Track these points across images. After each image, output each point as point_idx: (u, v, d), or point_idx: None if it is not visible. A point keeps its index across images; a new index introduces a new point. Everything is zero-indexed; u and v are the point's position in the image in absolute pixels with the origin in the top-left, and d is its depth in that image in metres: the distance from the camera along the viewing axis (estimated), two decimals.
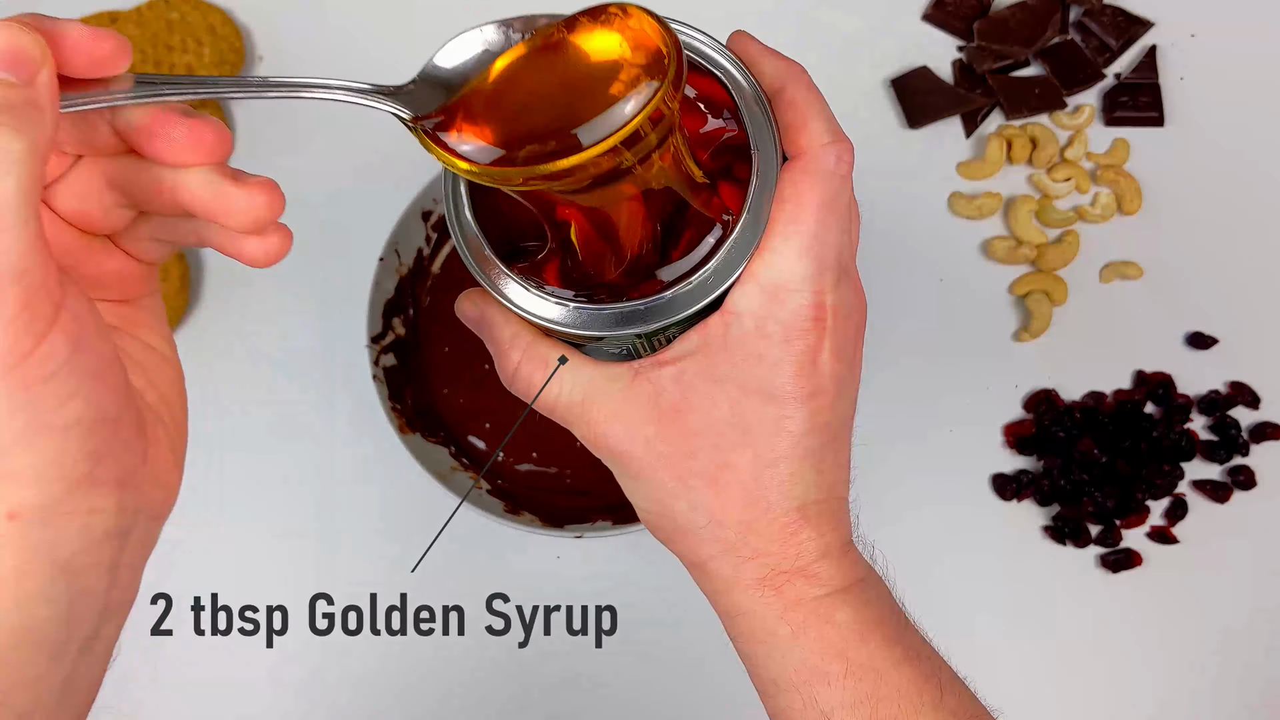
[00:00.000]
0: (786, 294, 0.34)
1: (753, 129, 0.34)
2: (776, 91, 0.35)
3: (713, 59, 0.35)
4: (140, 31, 0.67)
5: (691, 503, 0.36)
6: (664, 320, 0.34)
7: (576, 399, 0.36)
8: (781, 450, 0.35)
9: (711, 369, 0.34)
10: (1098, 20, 0.68)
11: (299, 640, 0.62)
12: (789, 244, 0.33)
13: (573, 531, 0.57)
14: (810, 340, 0.34)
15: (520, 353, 0.37)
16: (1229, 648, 0.60)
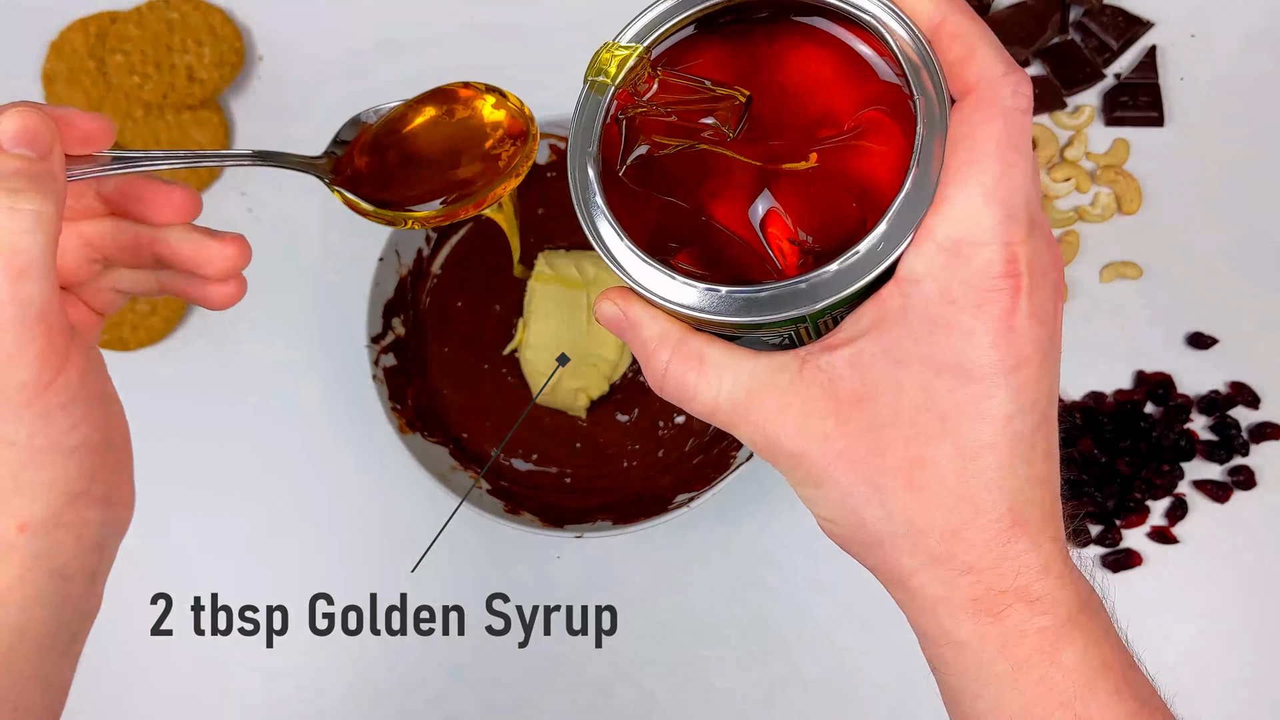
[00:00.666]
0: (972, 249, 0.28)
1: (910, 71, 0.30)
2: (935, 27, 0.30)
3: (858, 4, 0.31)
4: (140, 32, 0.67)
5: (886, 508, 0.30)
6: (831, 298, 0.29)
7: (739, 397, 0.32)
8: (986, 438, 0.29)
9: (893, 347, 0.29)
10: (1098, 20, 0.68)
11: (299, 640, 0.62)
12: (968, 191, 0.28)
13: (573, 531, 0.57)
14: (1005, 301, 0.29)
15: (670, 350, 0.32)
16: (1229, 647, 0.60)
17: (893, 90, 0.31)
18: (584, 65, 0.34)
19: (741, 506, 0.62)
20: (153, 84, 0.67)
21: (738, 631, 0.61)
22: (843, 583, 0.61)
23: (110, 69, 0.67)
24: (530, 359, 0.60)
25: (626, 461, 0.61)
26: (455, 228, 0.64)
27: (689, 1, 0.33)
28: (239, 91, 0.70)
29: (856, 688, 0.60)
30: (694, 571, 0.62)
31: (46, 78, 0.69)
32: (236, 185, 0.68)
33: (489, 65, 0.70)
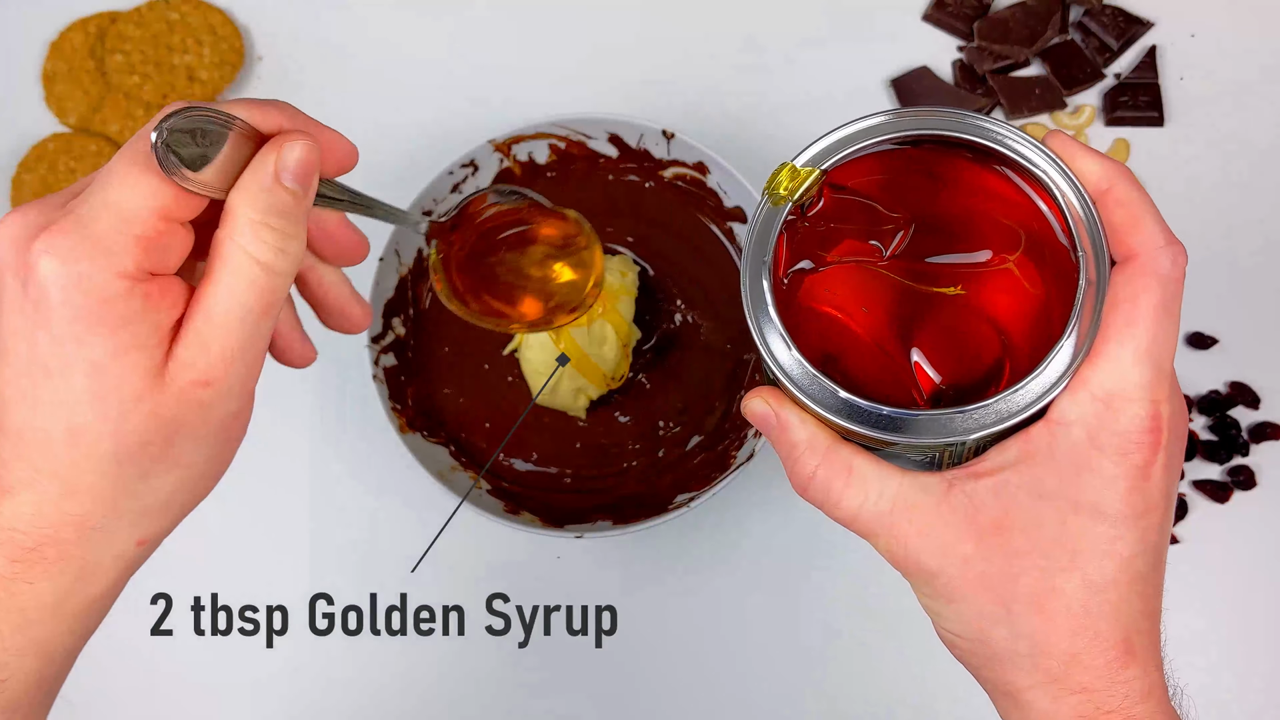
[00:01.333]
0: (1123, 403, 0.31)
1: (1074, 227, 0.33)
2: (1103, 192, 0.33)
3: (1031, 159, 0.34)
4: (140, 32, 0.67)
5: (1014, 629, 0.33)
6: (984, 431, 0.32)
7: (883, 509, 0.34)
8: (1110, 574, 0.32)
9: (1037, 483, 0.32)
10: (1098, 20, 0.68)
11: (299, 640, 0.62)
12: (1125, 350, 0.31)
13: (573, 531, 0.57)
14: (1146, 454, 0.32)
15: (819, 457, 0.34)
16: (1229, 647, 0.60)
17: (1051, 239, 0.34)
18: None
19: (741, 506, 0.62)
20: (153, 84, 0.67)
21: (738, 631, 0.61)
22: (843, 582, 0.61)
23: (110, 69, 0.67)
24: (530, 359, 0.60)
25: (626, 461, 0.61)
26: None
27: (869, 132, 0.35)
28: (239, 91, 0.70)
29: (859, 686, 0.60)
30: (694, 571, 0.62)
31: (46, 78, 0.69)
32: None
33: (490, 64, 0.70)
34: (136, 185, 0.32)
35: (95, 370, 0.32)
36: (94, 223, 0.31)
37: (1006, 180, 0.35)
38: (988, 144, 0.34)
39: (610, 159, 0.63)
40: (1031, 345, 0.33)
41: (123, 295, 0.32)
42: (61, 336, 0.31)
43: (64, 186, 0.65)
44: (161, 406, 0.33)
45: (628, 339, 0.60)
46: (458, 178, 0.62)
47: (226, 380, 0.34)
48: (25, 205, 0.33)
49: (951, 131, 0.34)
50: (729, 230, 0.63)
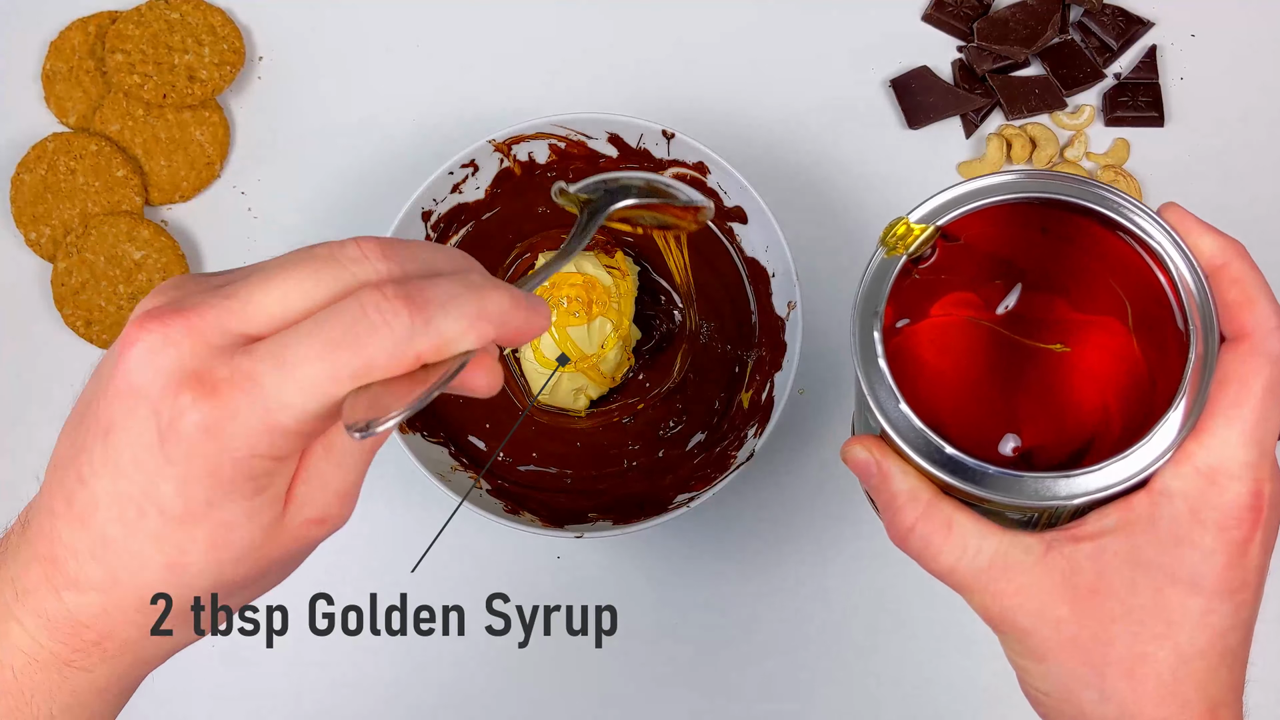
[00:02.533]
0: (1226, 480, 0.32)
1: (1188, 304, 0.34)
2: (1217, 268, 0.34)
3: (1146, 230, 0.34)
4: (140, 31, 0.67)
5: (1103, 693, 0.34)
6: (1086, 495, 0.33)
7: (981, 566, 0.34)
8: (1201, 645, 0.33)
9: (1135, 551, 0.33)
10: (1098, 20, 0.68)
11: (299, 640, 0.62)
12: (1232, 428, 0.32)
13: (573, 531, 0.57)
14: (1245, 530, 0.32)
15: (919, 512, 0.35)
16: None
17: (1160, 308, 0.34)
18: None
19: (741, 506, 0.62)
20: (153, 84, 0.67)
21: (739, 632, 0.61)
22: (844, 582, 0.61)
23: (110, 68, 0.67)
24: (530, 359, 0.60)
25: (626, 461, 0.61)
26: (456, 227, 0.64)
27: (987, 191, 0.35)
28: (239, 91, 0.70)
29: (862, 685, 0.60)
30: (694, 571, 0.62)
31: (46, 77, 0.69)
32: (237, 185, 0.68)
33: (490, 64, 0.70)
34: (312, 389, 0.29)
35: (223, 528, 0.31)
36: (265, 414, 0.29)
37: (1122, 244, 0.35)
38: (1105, 212, 0.34)
39: (610, 159, 0.63)
40: (1131, 413, 0.34)
41: (268, 470, 0.30)
42: (192, 495, 0.30)
43: (64, 186, 0.66)
44: (274, 550, 0.32)
45: (628, 339, 0.60)
46: (458, 178, 0.62)
47: (341, 517, 0.33)
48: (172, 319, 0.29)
49: (1070, 198, 0.34)
50: (729, 230, 0.63)
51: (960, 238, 0.36)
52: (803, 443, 0.63)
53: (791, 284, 0.59)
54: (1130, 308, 0.35)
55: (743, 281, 0.63)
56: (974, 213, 0.35)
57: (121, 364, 0.29)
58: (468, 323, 0.29)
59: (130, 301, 0.65)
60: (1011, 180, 0.35)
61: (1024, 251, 0.36)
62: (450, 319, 0.29)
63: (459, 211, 0.63)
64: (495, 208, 0.64)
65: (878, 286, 0.35)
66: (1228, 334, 0.34)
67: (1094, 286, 0.35)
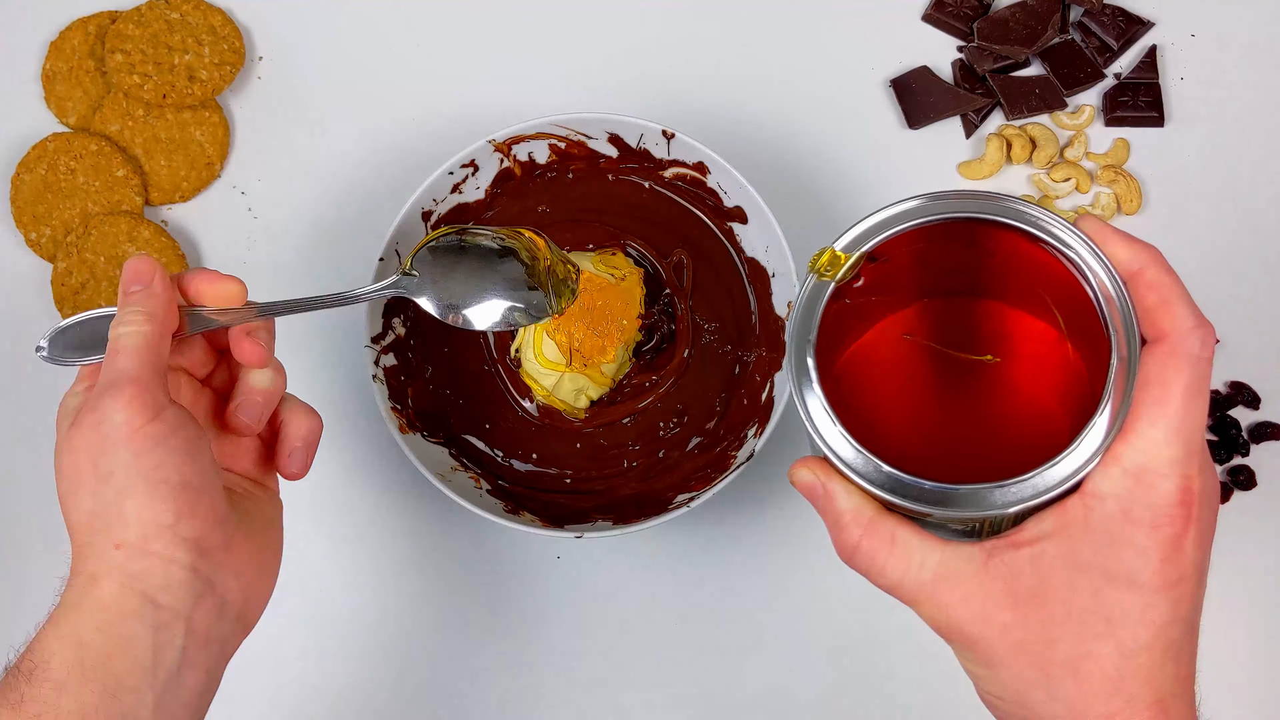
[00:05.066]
0: (1155, 478, 0.33)
1: (1108, 310, 0.35)
2: (1134, 274, 0.35)
3: (1065, 240, 0.35)
4: (140, 31, 0.67)
5: (1051, 693, 0.35)
6: (1020, 503, 0.33)
7: (925, 579, 0.35)
8: (1144, 640, 0.34)
9: (1072, 554, 0.34)
10: (1098, 20, 0.68)
11: (297, 640, 0.62)
12: (1156, 428, 0.33)
13: (573, 531, 0.57)
14: (1177, 527, 0.33)
15: (862, 529, 0.36)
16: (1229, 648, 0.60)
17: (1087, 315, 0.35)
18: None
19: (741, 506, 0.62)
20: (153, 83, 0.67)
21: (739, 632, 0.61)
22: (845, 581, 0.61)
23: (110, 68, 0.67)
24: (530, 359, 0.60)
25: (627, 461, 0.61)
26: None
27: (908, 215, 0.36)
28: (239, 91, 0.70)
29: (862, 685, 0.60)
30: (694, 571, 0.62)
31: (46, 77, 0.69)
32: (237, 185, 0.68)
33: (490, 64, 0.70)
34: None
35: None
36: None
37: (1048, 256, 0.36)
38: (1024, 227, 0.35)
39: (610, 159, 0.63)
40: (1068, 418, 0.35)
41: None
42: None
43: (64, 186, 0.66)
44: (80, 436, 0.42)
45: (629, 340, 0.60)
46: (458, 178, 0.62)
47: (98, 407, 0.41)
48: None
49: (988, 215, 0.35)
50: (729, 230, 0.63)
51: (889, 257, 0.36)
52: (802, 443, 0.63)
53: (791, 284, 0.59)
54: (1061, 317, 0.36)
55: (743, 281, 0.63)
56: (899, 235, 0.36)
57: None
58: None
59: None
60: (930, 204, 0.36)
61: (953, 267, 0.37)
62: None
63: (459, 211, 0.63)
64: (495, 208, 0.64)
65: (810, 313, 0.36)
66: (1148, 337, 0.34)
67: (1024, 298, 0.36)
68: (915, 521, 0.36)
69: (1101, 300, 0.35)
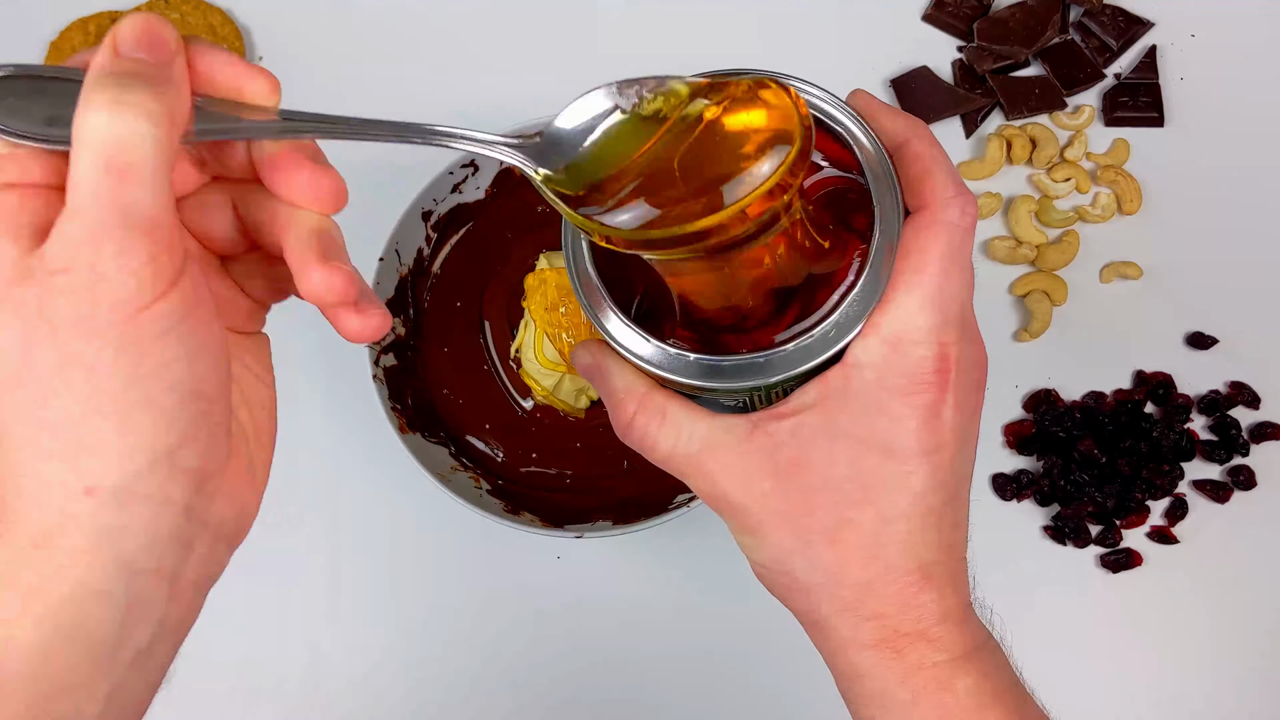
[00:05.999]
0: (909, 346, 0.33)
1: (874, 183, 0.34)
2: (898, 146, 0.35)
3: (832, 115, 0.35)
4: None
5: (810, 561, 0.35)
6: (783, 374, 0.33)
7: (693, 451, 0.35)
8: (902, 508, 0.34)
9: (831, 423, 0.34)
10: (1098, 20, 0.68)
11: (297, 640, 0.62)
12: (912, 296, 0.33)
13: (573, 531, 0.57)
14: (933, 394, 0.33)
15: (635, 403, 0.36)
16: (1229, 648, 0.60)
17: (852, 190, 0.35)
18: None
19: None
20: None
21: (738, 630, 0.61)
22: None
23: None
24: (531, 359, 0.60)
25: (627, 461, 0.61)
26: (456, 227, 0.64)
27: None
28: None
29: None
30: (694, 571, 0.62)
31: None
32: None
33: (490, 64, 0.70)
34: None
35: None
36: None
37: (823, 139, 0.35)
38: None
39: None
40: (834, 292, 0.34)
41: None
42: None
43: None
44: (24, 303, 0.27)
45: None
46: (458, 178, 0.62)
47: (90, 263, 0.26)
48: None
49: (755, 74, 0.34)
50: None
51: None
52: None
53: None
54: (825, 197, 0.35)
55: None
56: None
57: None
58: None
59: None
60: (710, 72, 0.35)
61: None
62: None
63: (459, 211, 0.63)
64: (495, 208, 0.64)
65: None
66: (911, 207, 0.34)
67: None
68: (690, 399, 0.36)
69: (867, 173, 0.34)
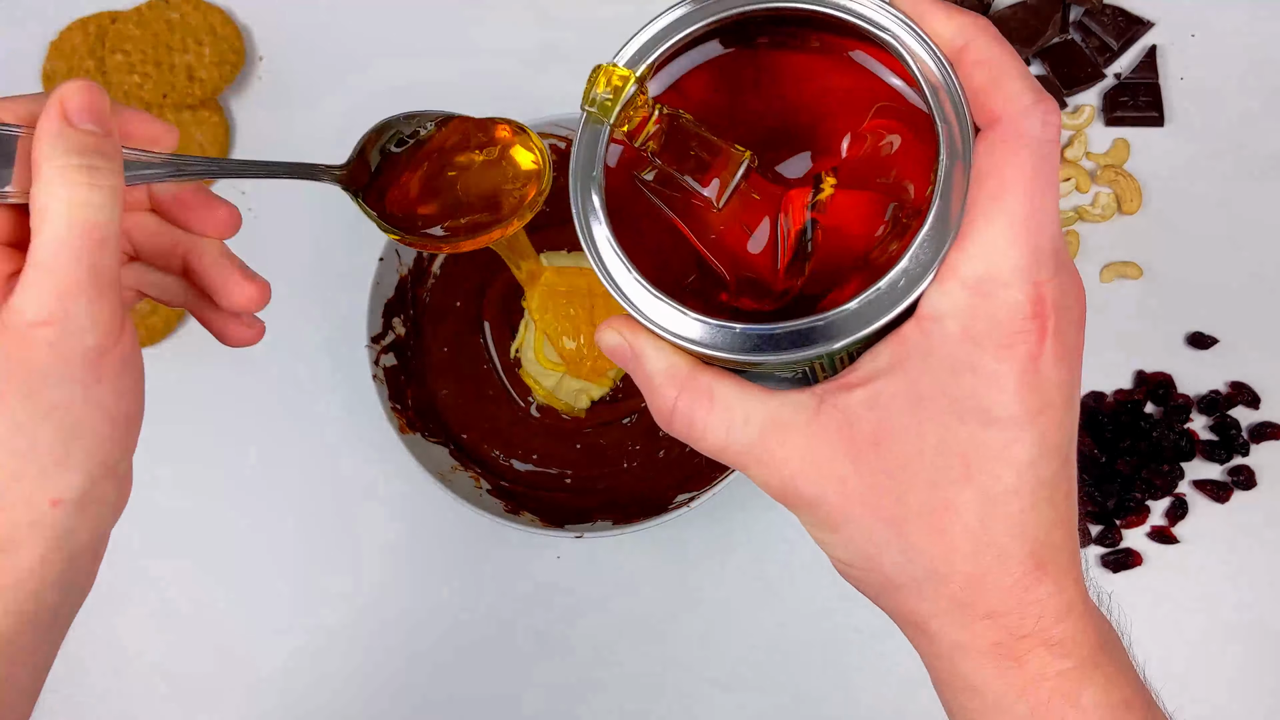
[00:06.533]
0: (997, 288, 0.27)
1: (932, 96, 0.29)
2: (958, 51, 0.29)
3: (875, 21, 0.29)
4: (140, 31, 0.67)
5: (904, 553, 0.30)
6: (849, 337, 0.28)
7: (752, 437, 0.30)
8: (1009, 483, 0.28)
9: (912, 388, 0.28)
10: (1098, 20, 0.68)
11: (297, 640, 0.62)
12: (995, 228, 0.27)
13: (573, 531, 0.57)
14: (1030, 343, 0.28)
15: (677, 387, 0.31)
16: (1229, 648, 0.60)
17: (914, 115, 0.30)
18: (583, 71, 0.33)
19: (741, 506, 0.62)
20: (153, 83, 0.67)
21: (738, 631, 0.61)
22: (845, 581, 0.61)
23: (110, 68, 0.67)
24: (531, 359, 0.60)
25: (626, 462, 0.61)
26: None
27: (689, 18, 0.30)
28: (239, 91, 0.70)
29: (862, 682, 0.60)
30: (694, 571, 0.62)
31: (46, 78, 0.69)
32: (237, 184, 0.68)
33: (490, 64, 0.70)
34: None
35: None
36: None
37: (856, 61, 0.30)
38: (826, 11, 0.30)
39: None
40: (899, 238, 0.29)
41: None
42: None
43: None
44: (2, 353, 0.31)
45: None
46: None
47: (68, 317, 0.31)
48: None
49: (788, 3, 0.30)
50: None
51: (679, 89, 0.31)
52: None
53: None
54: (885, 127, 0.30)
55: None
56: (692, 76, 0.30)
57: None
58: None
59: None
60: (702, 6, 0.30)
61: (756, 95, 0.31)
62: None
63: None
64: None
65: (592, 147, 0.31)
66: (981, 123, 0.29)
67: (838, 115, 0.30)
68: (741, 375, 0.31)
69: (926, 89, 0.29)
